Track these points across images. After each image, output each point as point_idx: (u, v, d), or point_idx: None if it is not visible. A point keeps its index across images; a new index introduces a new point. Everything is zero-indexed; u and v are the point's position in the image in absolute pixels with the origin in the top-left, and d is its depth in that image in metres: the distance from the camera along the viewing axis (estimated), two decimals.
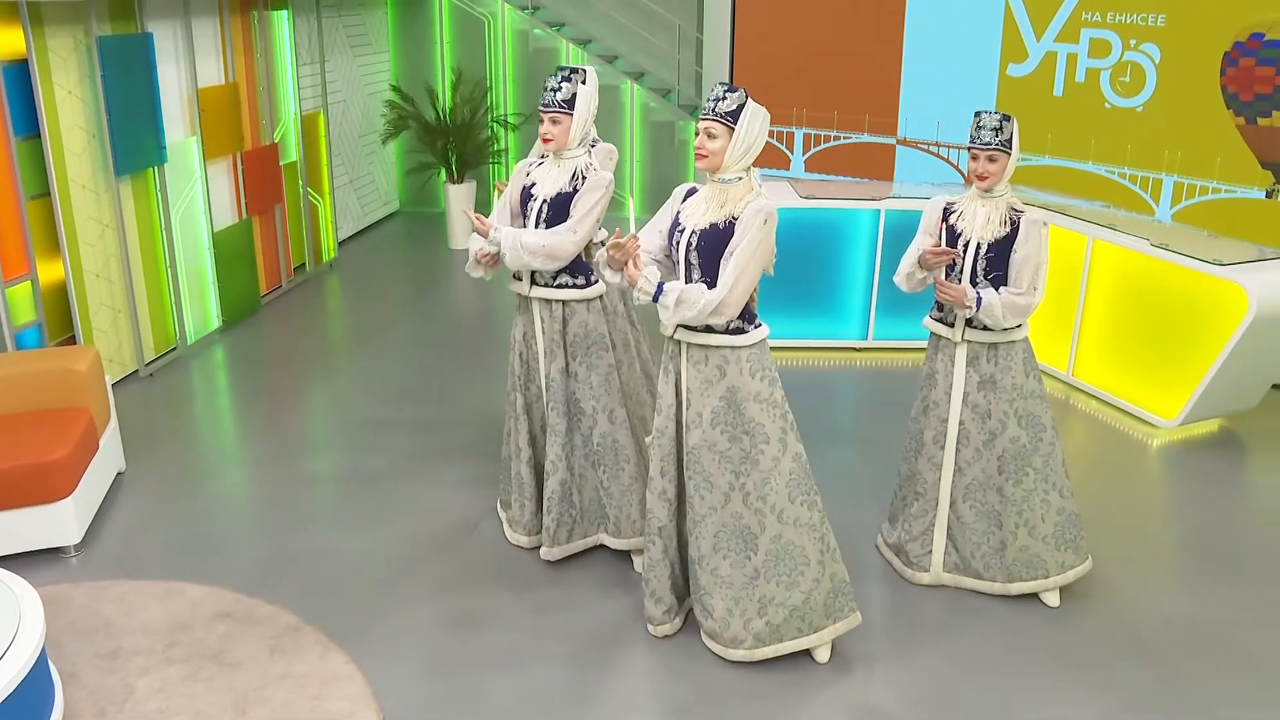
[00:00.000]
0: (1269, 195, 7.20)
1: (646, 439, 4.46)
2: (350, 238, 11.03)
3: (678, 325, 4.04)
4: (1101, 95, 8.18)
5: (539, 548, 5.01)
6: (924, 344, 4.86)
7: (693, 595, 4.34)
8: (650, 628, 4.41)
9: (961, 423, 4.64)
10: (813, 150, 9.51)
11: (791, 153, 9.52)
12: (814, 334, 7.82)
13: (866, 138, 9.36)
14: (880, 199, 7.57)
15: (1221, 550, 5.25)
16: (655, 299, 3.95)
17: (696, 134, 4.02)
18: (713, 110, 3.95)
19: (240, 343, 7.96)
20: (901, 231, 7.47)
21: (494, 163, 11.59)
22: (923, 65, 9.02)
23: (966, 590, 4.79)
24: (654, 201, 12.05)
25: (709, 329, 4.02)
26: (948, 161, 9.12)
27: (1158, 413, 6.62)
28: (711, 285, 3.96)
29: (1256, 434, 6.63)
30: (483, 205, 11.50)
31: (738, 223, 3.92)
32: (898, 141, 9.26)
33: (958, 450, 4.68)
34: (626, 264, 3.96)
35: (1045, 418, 4.62)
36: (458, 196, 10.66)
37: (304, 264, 9.55)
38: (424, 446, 6.18)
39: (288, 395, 7.01)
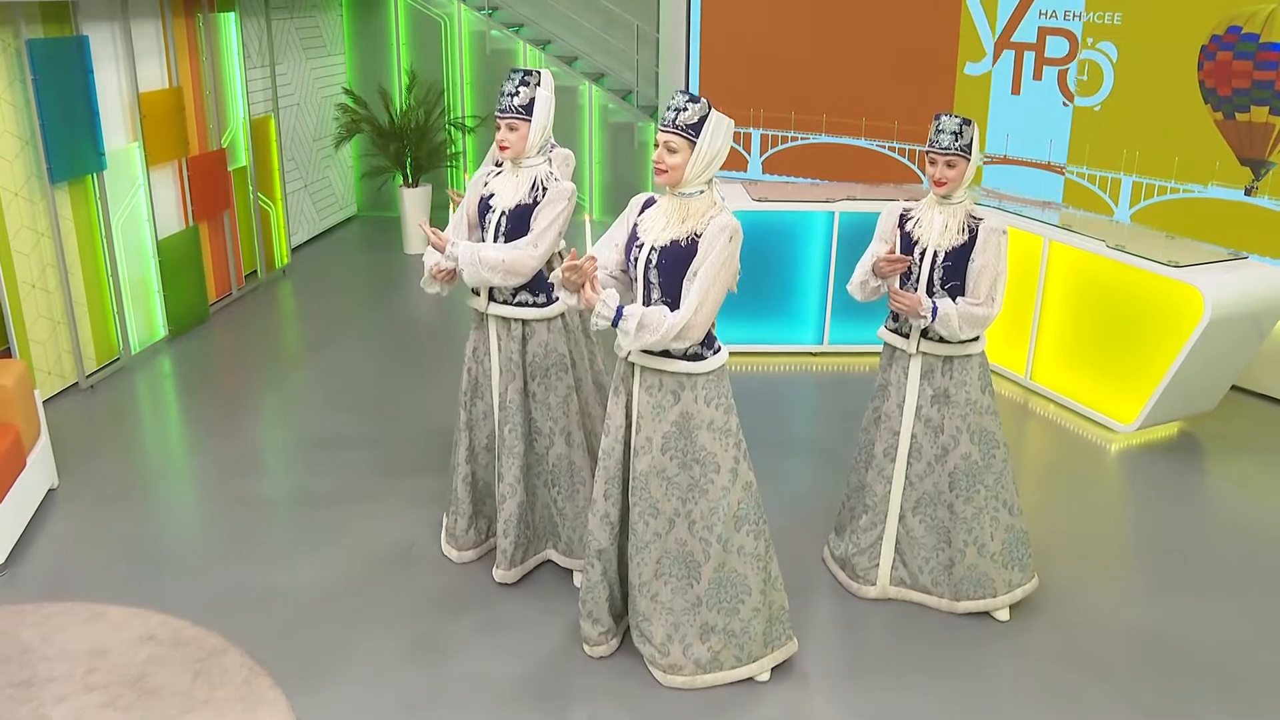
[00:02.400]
0: (1248, 192, 7.06)
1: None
2: (305, 243, 10.86)
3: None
4: (1059, 94, 8.11)
5: (469, 561, 4.93)
6: (881, 349, 4.73)
7: (630, 621, 4.20)
8: (586, 648, 4.28)
9: (913, 436, 4.53)
10: (770, 151, 9.40)
11: (749, 154, 9.41)
12: (769, 339, 7.71)
13: (824, 138, 9.27)
14: (835, 201, 7.46)
15: (1177, 559, 5.16)
16: (614, 324, 3.72)
17: (656, 146, 3.80)
18: (673, 123, 3.73)
19: (187, 353, 7.78)
20: (857, 234, 7.38)
21: (450, 166, 11.45)
22: (881, 64, 8.93)
23: (914, 604, 4.68)
24: (613, 204, 11.94)
25: (666, 353, 3.83)
26: (905, 162, 9.04)
27: (1116, 417, 6.54)
28: (672, 305, 3.77)
29: (1216, 437, 6.56)
30: (439, 211, 11.35)
31: (701, 239, 3.71)
32: (857, 142, 9.18)
33: (909, 464, 4.57)
34: (583, 286, 3.73)
35: (998, 434, 4.50)
36: (413, 201, 10.49)
37: (255, 271, 9.38)
38: (374, 463, 6.01)
39: (235, 408, 6.83)
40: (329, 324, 8.52)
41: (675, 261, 3.75)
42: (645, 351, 3.84)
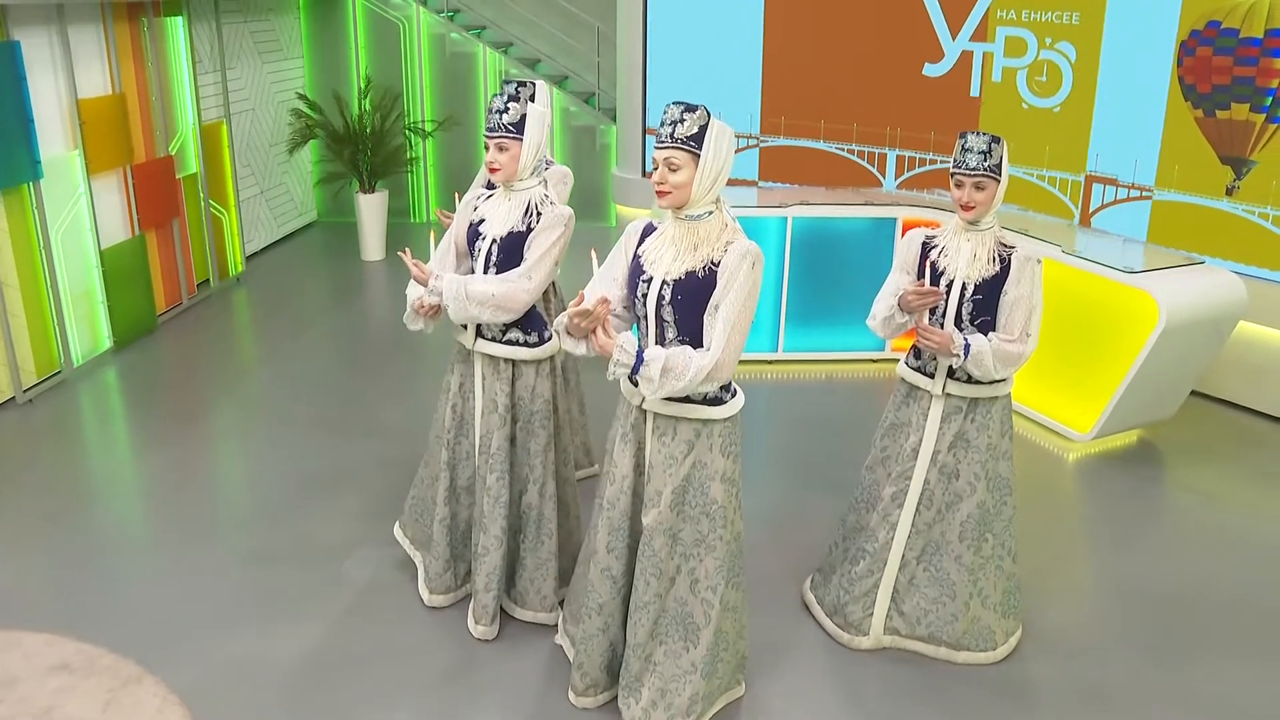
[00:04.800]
0: (1229, 192, 6.94)
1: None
2: (263, 250, 10.68)
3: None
4: (1019, 95, 8.02)
5: (441, 606, 4.62)
6: (837, 355, 4.46)
7: (622, 682, 3.83)
8: (571, 695, 4.00)
9: (926, 482, 4.17)
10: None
11: None
12: None
13: (783, 141, 9.16)
14: (787, 206, 7.33)
15: (1127, 580, 5.03)
16: (635, 371, 3.35)
17: (655, 166, 3.39)
18: (670, 136, 3.34)
19: (133, 365, 7.60)
20: (810, 239, 7.26)
21: (409, 172, 11.29)
22: (842, 65, 8.82)
23: (908, 651, 4.39)
24: (577, 209, 11.75)
25: (685, 397, 3.49)
26: (864, 165, 8.94)
27: (1073, 426, 6.43)
28: (691, 345, 3.43)
29: (1175, 445, 6.46)
30: (396, 217, 11.18)
31: (720, 268, 3.36)
32: (817, 144, 9.07)
33: (917, 512, 4.22)
34: (594, 331, 3.35)
35: (1011, 479, 4.22)
36: (369, 207, 10.32)
37: (208, 279, 9.21)
38: (327, 483, 5.80)
39: (181, 422, 6.65)
40: (282, 333, 8.36)
41: (693, 296, 3.39)
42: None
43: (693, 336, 3.45)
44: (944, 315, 4.05)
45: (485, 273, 4.13)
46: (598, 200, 11.74)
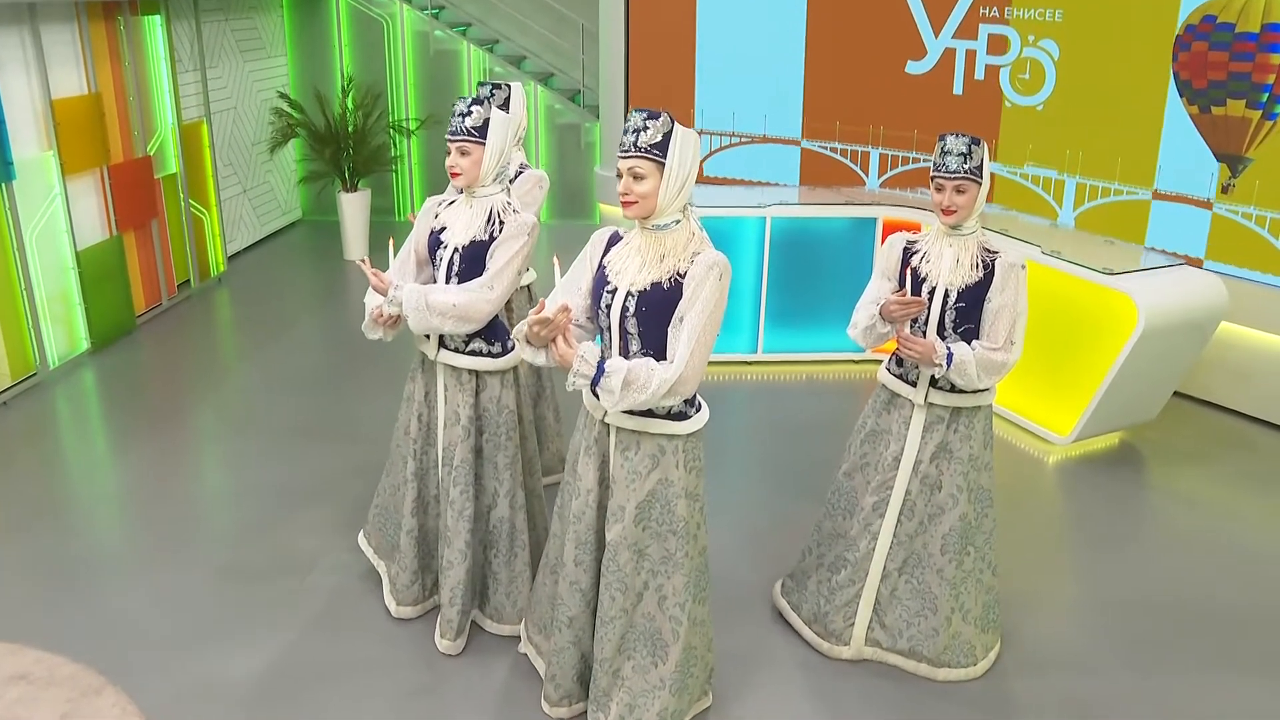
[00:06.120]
0: (1224, 190, 6.86)
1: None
2: (246, 249, 10.62)
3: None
4: (1002, 93, 7.97)
5: (409, 618, 4.56)
6: (818, 356, 4.35)
7: (591, 697, 3.80)
8: (545, 706, 3.95)
9: (908, 493, 4.10)
10: (713, 151, 9.23)
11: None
12: None
13: (767, 139, 9.10)
14: (766, 206, 7.27)
15: (1107, 588, 4.98)
16: (595, 382, 3.29)
17: (620, 176, 3.32)
18: (634, 145, 3.26)
19: (111, 366, 7.54)
20: (789, 239, 7.21)
21: (393, 171, 11.23)
22: (820, 63, 8.77)
23: (886, 664, 4.32)
24: (561, 207, 11.76)
25: (648, 411, 3.42)
26: (846, 163, 8.89)
27: (1052, 428, 6.38)
28: (656, 357, 3.36)
29: (1156, 447, 6.41)
30: (380, 215, 11.11)
31: (686, 279, 3.28)
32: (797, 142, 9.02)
33: (899, 523, 4.13)
34: (554, 340, 3.31)
35: (992, 491, 4.15)
36: (352, 206, 10.26)
37: (189, 280, 9.15)
38: (307, 489, 5.73)
39: (159, 424, 6.58)
40: (263, 334, 8.30)
41: (658, 307, 3.32)
42: (625, 411, 3.43)
43: (657, 349, 3.38)
44: (926, 323, 3.97)
45: (447, 282, 4.06)
46: (582, 198, 11.69)
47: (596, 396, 3.42)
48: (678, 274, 3.30)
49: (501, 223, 3.99)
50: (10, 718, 3.87)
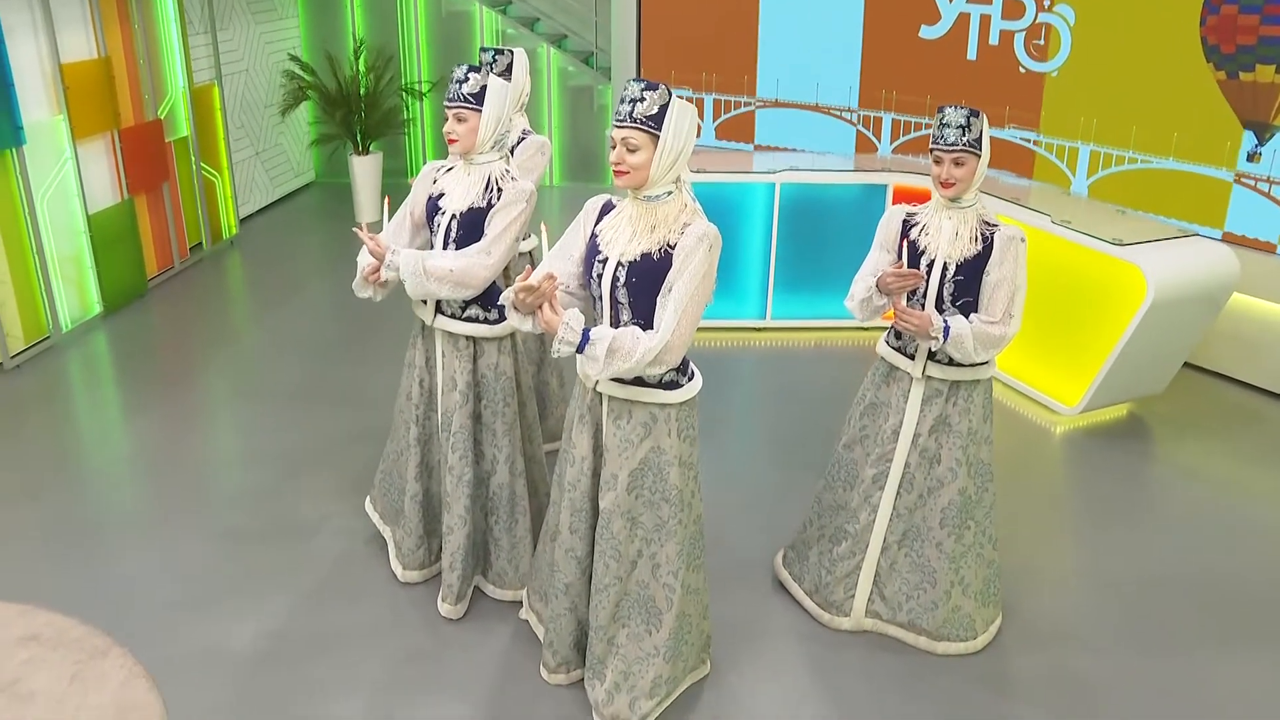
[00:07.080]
0: (1250, 159, 6.73)
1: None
2: (259, 211, 10.64)
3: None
4: (1016, 59, 7.89)
5: (415, 583, 4.61)
6: (825, 323, 4.32)
7: (587, 664, 3.84)
8: (544, 672, 4.01)
9: (906, 465, 4.10)
10: (723, 117, 9.18)
11: (701, 120, 9.18)
12: (710, 314, 7.40)
13: (780, 104, 9.04)
14: (776, 172, 7.24)
15: (1110, 562, 4.97)
16: (580, 349, 3.30)
17: (612, 145, 3.32)
18: (629, 116, 3.26)
19: (123, 329, 7.59)
20: (798, 205, 7.18)
21: (405, 134, 11.20)
22: (833, 29, 8.69)
23: (889, 637, 4.34)
24: (572, 169, 11.72)
25: (639, 380, 3.45)
26: (855, 126, 8.82)
27: (1060, 399, 6.36)
28: (645, 326, 3.37)
29: (1165, 420, 6.39)
30: (392, 177, 11.09)
31: (676, 250, 3.28)
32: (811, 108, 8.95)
33: (898, 495, 4.15)
34: (540, 307, 3.30)
35: (991, 464, 4.15)
36: (364, 169, 10.25)
37: (200, 243, 9.17)
38: (318, 454, 5.76)
39: (164, 390, 6.63)
40: (273, 297, 8.34)
41: (648, 277, 3.32)
42: (615, 380, 3.48)
43: (647, 319, 3.38)
44: (924, 296, 3.95)
45: (445, 248, 4.08)
46: (594, 161, 11.64)
47: None
48: (668, 245, 3.31)
49: (500, 190, 4.01)
50: (20, 678, 3.94)
